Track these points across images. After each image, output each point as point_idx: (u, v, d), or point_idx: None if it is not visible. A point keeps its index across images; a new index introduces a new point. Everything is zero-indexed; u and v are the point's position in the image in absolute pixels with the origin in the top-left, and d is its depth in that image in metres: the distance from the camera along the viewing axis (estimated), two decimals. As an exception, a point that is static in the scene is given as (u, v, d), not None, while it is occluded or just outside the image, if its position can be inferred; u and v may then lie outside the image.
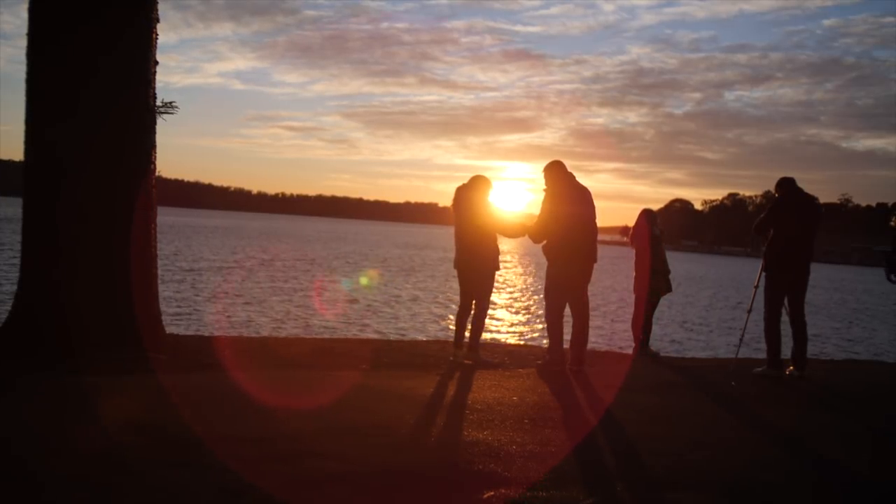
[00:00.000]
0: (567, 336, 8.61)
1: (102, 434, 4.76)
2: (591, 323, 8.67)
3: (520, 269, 53.64)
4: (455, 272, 8.86)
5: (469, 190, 8.62)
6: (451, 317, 20.51)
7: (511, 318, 23.83)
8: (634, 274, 10.51)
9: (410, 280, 34.87)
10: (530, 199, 8.55)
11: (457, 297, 8.96)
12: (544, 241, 8.55)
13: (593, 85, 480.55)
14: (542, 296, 8.89)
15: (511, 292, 33.41)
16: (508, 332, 20.00)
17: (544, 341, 14.86)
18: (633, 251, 10.55)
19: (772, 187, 9.35)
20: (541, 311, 9.44)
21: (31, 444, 4.50)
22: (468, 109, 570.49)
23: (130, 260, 7.28)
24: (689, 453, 5.13)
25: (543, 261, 8.62)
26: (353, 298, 20.80)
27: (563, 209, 8.32)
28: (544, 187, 8.51)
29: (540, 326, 19.31)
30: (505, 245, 8.91)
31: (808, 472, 5.03)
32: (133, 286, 7.30)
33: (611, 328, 20.73)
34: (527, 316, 24.27)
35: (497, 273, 8.76)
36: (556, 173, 8.47)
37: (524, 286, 37.68)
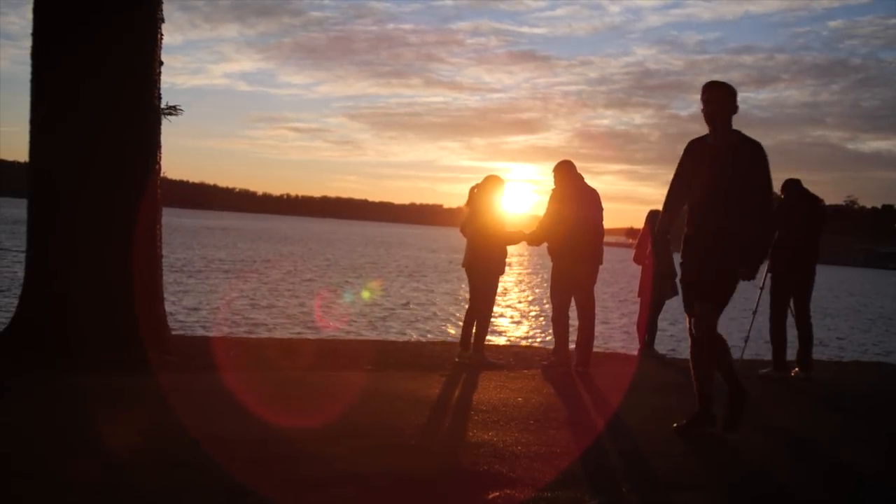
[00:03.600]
0: (572, 337, 8.60)
1: (103, 435, 4.76)
2: (597, 324, 8.66)
3: (527, 270, 53.58)
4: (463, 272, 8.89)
5: (479, 189, 8.64)
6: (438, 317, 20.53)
7: (517, 319, 23.79)
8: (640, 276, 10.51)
9: (424, 282, 34.84)
10: (536, 200, 8.55)
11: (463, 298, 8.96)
12: (545, 243, 8.56)
13: (599, 86, 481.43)
14: (547, 297, 8.88)
15: (517, 293, 33.37)
16: (514, 334, 19.96)
17: (539, 342, 14.83)
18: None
19: (777, 189, 9.33)
20: (546, 313, 9.44)
21: (31, 446, 4.50)
22: (474, 111, 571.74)
23: (135, 261, 7.28)
24: (694, 454, 5.12)
25: (549, 262, 8.62)
26: (358, 312, 20.47)
27: (568, 210, 8.31)
28: (553, 187, 8.52)
29: (545, 328, 19.28)
30: (514, 246, 8.91)
31: (814, 473, 5.01)
32: (138, 287, 7.30)
33: (616, 330, 20.68)
34: (532, 317, 24.22)
35: (500, 276, 8.75)
36: (565, 173, 8.47)
37: (530, 287, 37.63)
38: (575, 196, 8.37)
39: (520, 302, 29.52)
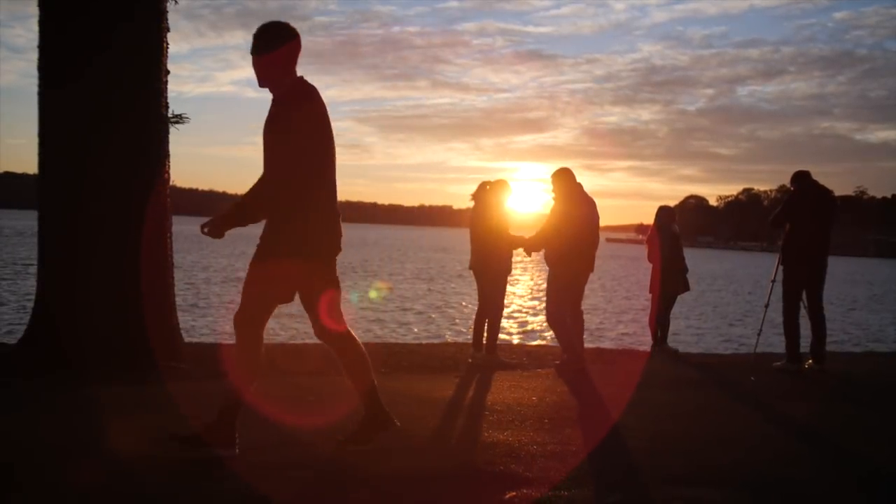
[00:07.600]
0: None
1: (118, 443, 4.77)
2: (606, 324, 8.68)
3: (537, 271, 53.54)
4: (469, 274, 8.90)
5: (489, 192, 8.65)
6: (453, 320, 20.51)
7: (529, 319, 23.77)
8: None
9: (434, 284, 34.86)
10: (545, 199, 8.59)
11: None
12: (542, 250, 8.58)
13: (605, 84, 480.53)
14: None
15: (529, 294, 33.34)
16: (526, 334, 19.94)
17: (552, 341, 14.82)
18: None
19: (786, 181, 9.32)
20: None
21: (47, 454, 4.51)
22: (481, 111, 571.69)
23: (146, 270, 7.30)
24: (708, 449, 5.11)
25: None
26: (367, 313, 20.30)
27: (578, 213, 8.33)
28: (553, 194, 8.52)
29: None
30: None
31: (829, 465, 5.00)
32: (149, 296, 7.32)
33: (628, 327, 20.64)
34: (544, 317, 24.22)
35: (509, 276, 8.77)
36: (567, 180, 8.48)
37: (541, 288, 37.58)
38: (581, 202, 8.40)
39: (531, 301, 29.50)
